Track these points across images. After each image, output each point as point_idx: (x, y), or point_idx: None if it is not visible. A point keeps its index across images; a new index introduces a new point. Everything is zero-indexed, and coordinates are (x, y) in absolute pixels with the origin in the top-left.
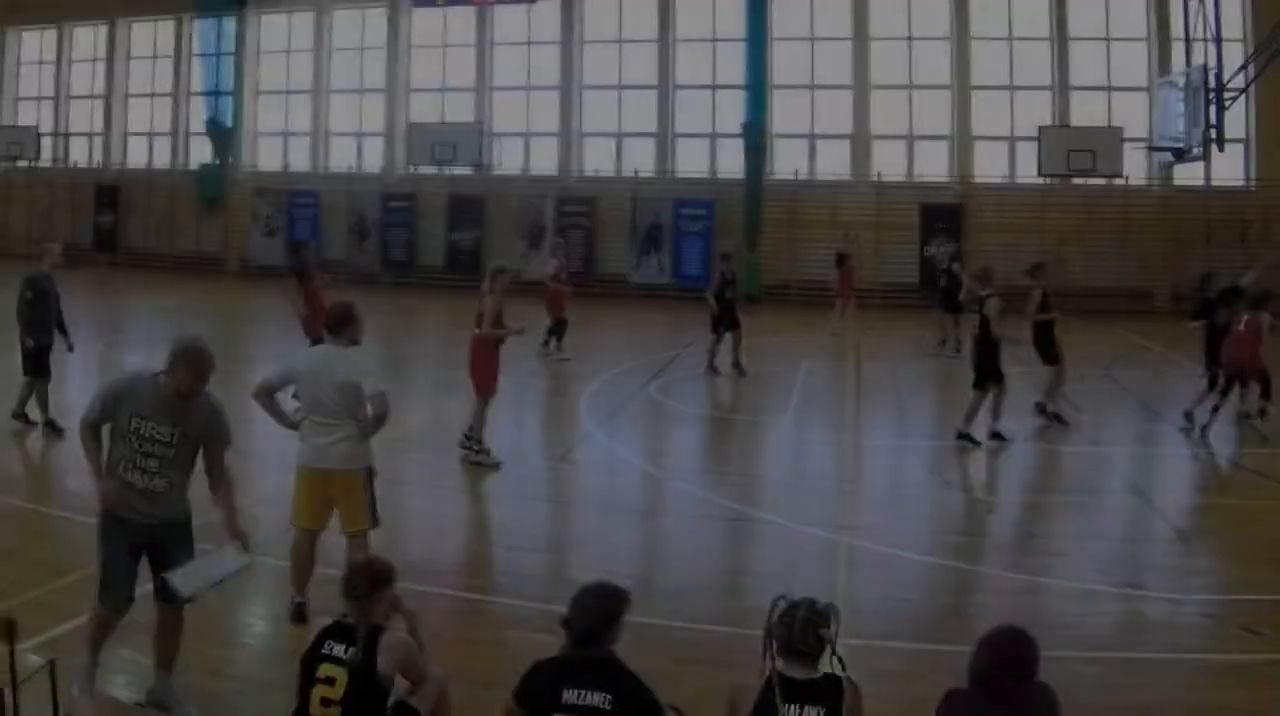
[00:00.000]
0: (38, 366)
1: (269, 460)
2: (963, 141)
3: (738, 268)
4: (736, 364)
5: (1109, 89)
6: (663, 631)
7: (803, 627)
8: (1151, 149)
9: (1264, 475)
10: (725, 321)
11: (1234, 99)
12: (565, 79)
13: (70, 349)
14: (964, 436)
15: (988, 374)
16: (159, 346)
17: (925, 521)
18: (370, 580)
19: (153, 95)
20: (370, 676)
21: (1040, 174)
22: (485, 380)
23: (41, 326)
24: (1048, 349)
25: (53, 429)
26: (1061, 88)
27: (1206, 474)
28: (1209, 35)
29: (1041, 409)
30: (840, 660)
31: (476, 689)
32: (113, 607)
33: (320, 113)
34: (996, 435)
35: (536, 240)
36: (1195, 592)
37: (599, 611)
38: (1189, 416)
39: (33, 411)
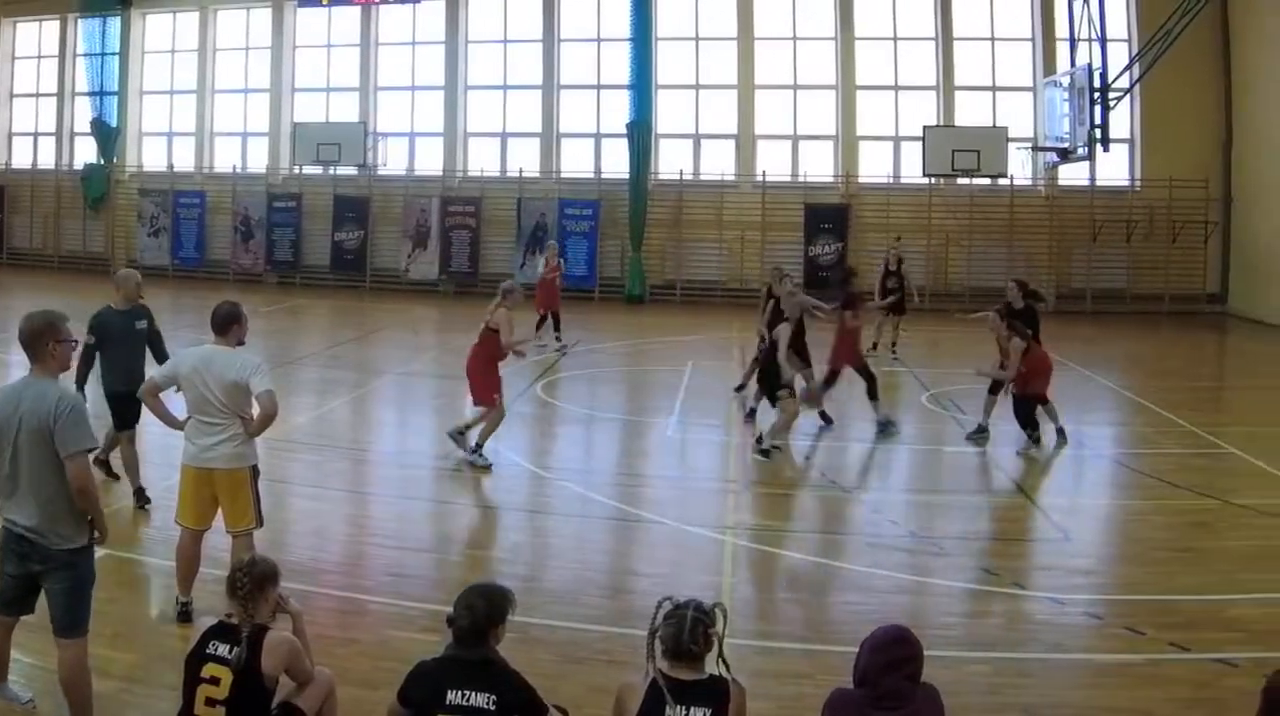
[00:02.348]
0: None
1: (155, 460)
2: (847, 141)
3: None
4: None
5: (994, 89)
6: (548, 631)
7: (692, 627)
8: (1036, 149)
9: (1148, 475)
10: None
11: (1119, 99)
12: (450, 79)
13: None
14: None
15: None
16: None
17: (810, 521)
18: (254, 579)
19: (37, 95)
20: (255, 676)
21: (925, 174)
22: (488, 394)
23: (112, 372)
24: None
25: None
26: (946, 88)
27: (1091, 474)
28: (1094, 35)
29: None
30: (725, 661)
31: (361, 689)
32: None
33: (205, 112)
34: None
35: (422, 240)
36: (1080, 592)
37: (484, 611)
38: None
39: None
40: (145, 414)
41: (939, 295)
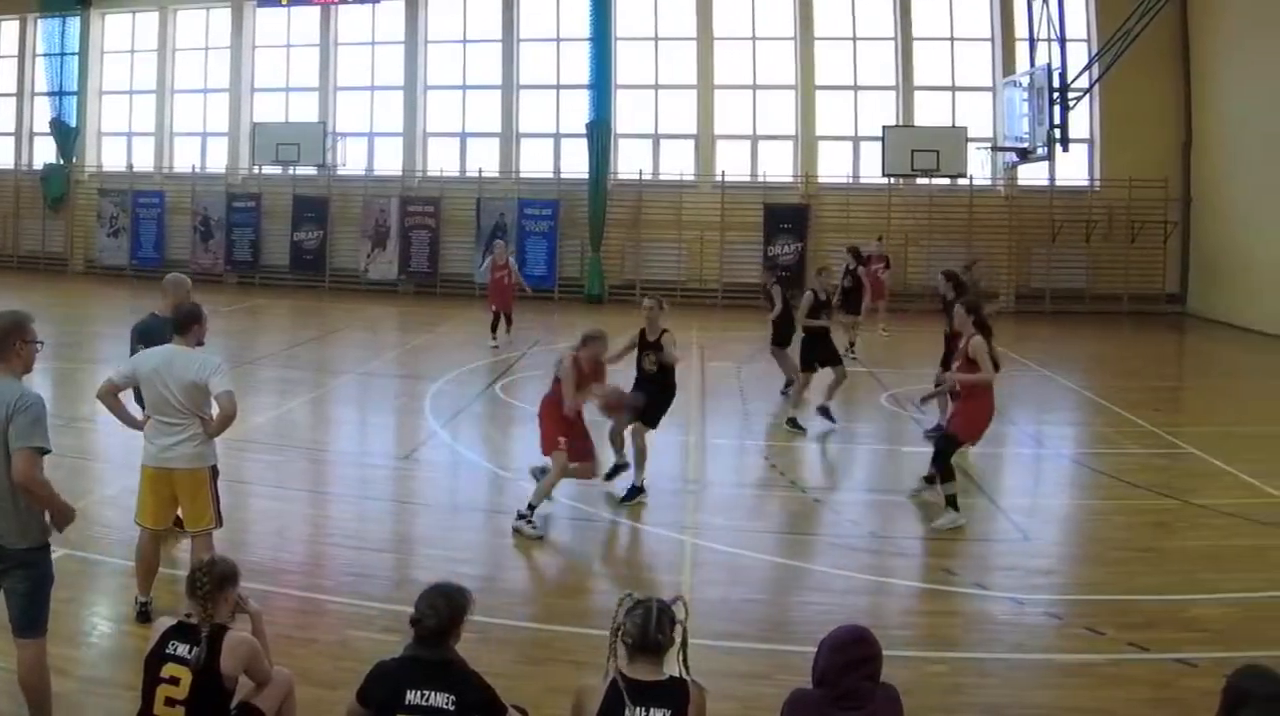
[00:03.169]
0: None
1: (114, 460)
2: (807, 141)
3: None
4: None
5: (953, 89)
6: (507, 631)
7: (659, 617)
8: (996, 149)
9: (1108, 475)
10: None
11: (1078, 99)
12: (409, 79)
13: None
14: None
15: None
16: None
17: (769, 521)
18: (214, 579)
19: None
20: (214, 676)
21: (884, 174)
22: (551, 433)
23: None
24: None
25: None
26: (905, 88)
27: (1051, 474)
28: (1053, 35)
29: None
30: (685, 662)
31: (321, 689)
32: None
33: (164, 112)
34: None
35: (381, 240)
36: (1040, 593)
37: (444, 611)
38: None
39: None
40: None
41: (898, 295)
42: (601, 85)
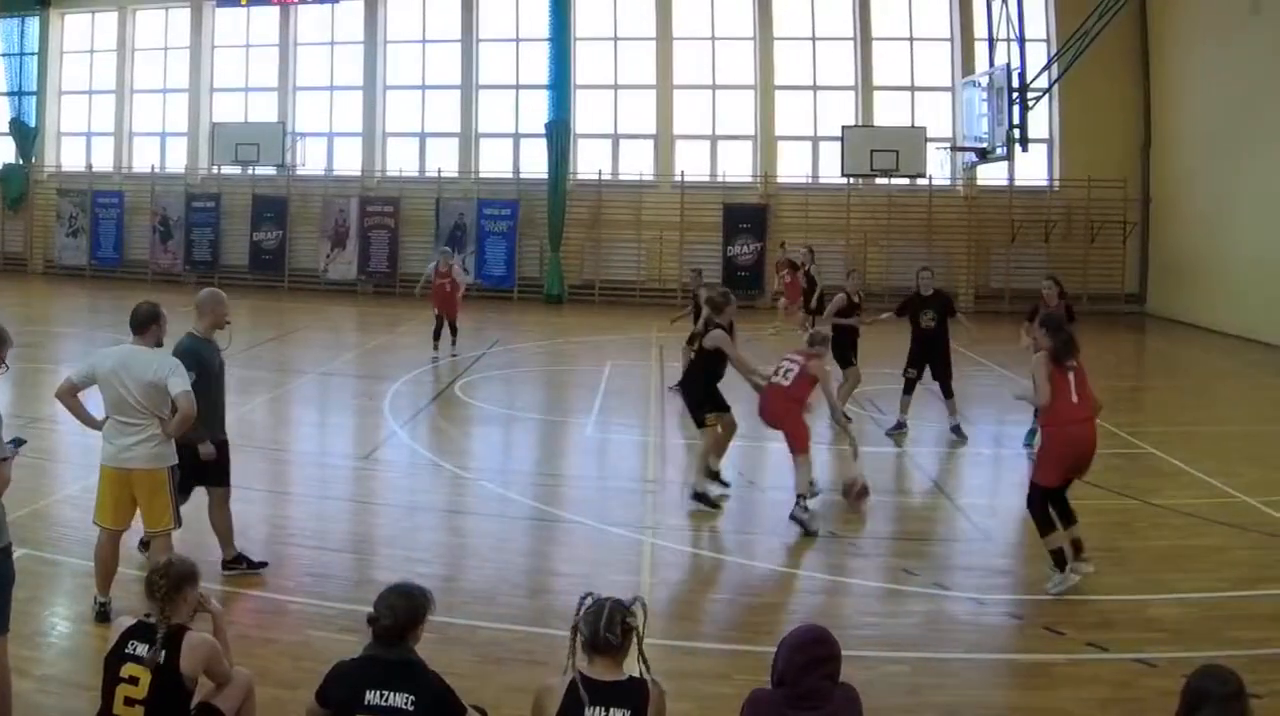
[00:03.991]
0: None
1: (74, 460)
2: (766, 141)
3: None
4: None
5: (912, 89)
6: (467, 631)
7: (610, 617)
8: (955, 149)
9: None
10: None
11: (1037, 99)
12: (368, 79)
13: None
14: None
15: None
16: None
17: (729, 521)
18: (172, 579)
19: None
20: (174, 676)
21: (844, 174)
22: (804, 432)
23: (214, 415)
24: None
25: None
26: (865, 88)
27: (1011, 474)
28: (1012, 35)
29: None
30: (645, 661)
31: (280, 689)
32: None
33: (124, 113)
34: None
35: (341, 240)
36: (999, 592)
37: (403, 611)
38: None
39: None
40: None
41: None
42: (561, 85)
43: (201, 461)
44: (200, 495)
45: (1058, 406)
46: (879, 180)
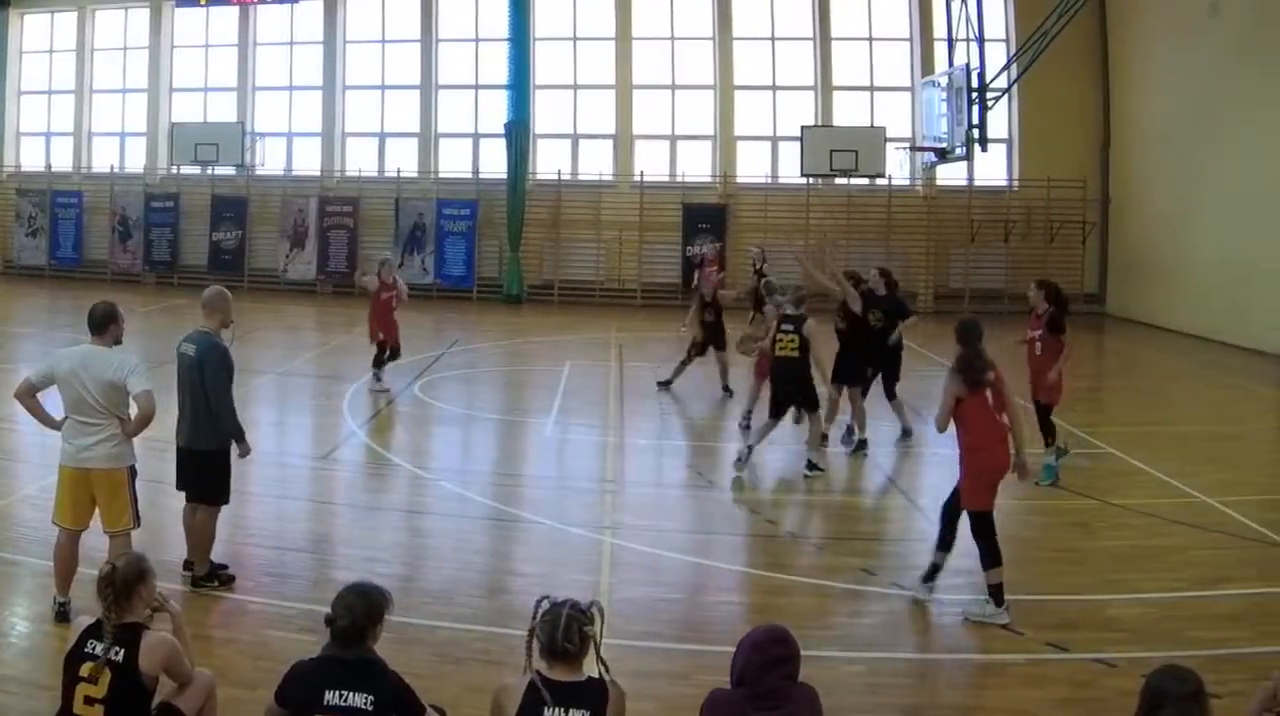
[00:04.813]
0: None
1: (32, 460)
2: (725, 141)
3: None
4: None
5: (872, 89)
6: (426, 631)
7: (567, 626)
8: (914, 149)
9: None
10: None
11: (997, 99)
12: (328, 79)
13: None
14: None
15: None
16: None
17: (687, 521)
18: (123, 579)
19: None
20: (133, 675)
21: (803, 174)
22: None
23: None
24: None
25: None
26: (824, 88)
27: None
28: (971, 35)
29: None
30: (604, 662)
31: (240, 689)
32: None
33: (83, 113)
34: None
35: (300, 240)
36: (959, 593)
37: (361, 611)
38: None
39: None
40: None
41: (816, 295)
42: (520, 85)
43: (204, 471)
44: (161, 492)
45: (978, 427)
46: (838, 180)
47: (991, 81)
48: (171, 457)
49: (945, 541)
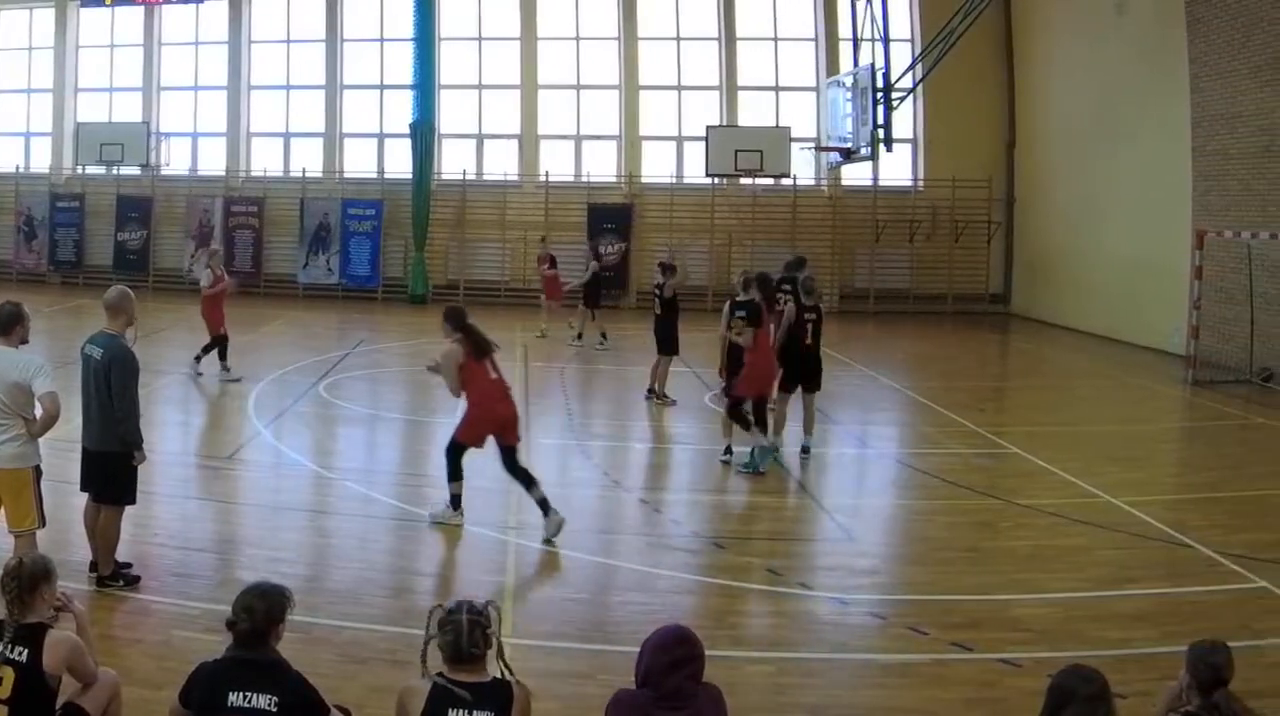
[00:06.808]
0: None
1: None
2: (631, 141)
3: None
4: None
5: (777, 89)
6: (330, 631)
7: (470, 631)
8: (819, 149)
9: (932, 475)
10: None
11: (902, 99)
12: (233, 79)
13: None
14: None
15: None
16: None
17: (593, 521)
18: (26, 578)
19: None
20: (37, 675)
21: (708, 174)
22: None
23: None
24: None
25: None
26: (729, 88)
27: (874, 474)
28: (877, 35)
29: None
30: (507, 664)
31: (145, 689)
32: None
33: None
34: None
35: (205, 240)
36: (863, 593)
37: (262, 612)
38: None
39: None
40: None
41: (722, 295)
42: (425, 85)
43: (110, 473)
44: (66, 492)
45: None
46: (743, 180)
47: (897, 81)
48: (77, 458)
49: (456, 473)
